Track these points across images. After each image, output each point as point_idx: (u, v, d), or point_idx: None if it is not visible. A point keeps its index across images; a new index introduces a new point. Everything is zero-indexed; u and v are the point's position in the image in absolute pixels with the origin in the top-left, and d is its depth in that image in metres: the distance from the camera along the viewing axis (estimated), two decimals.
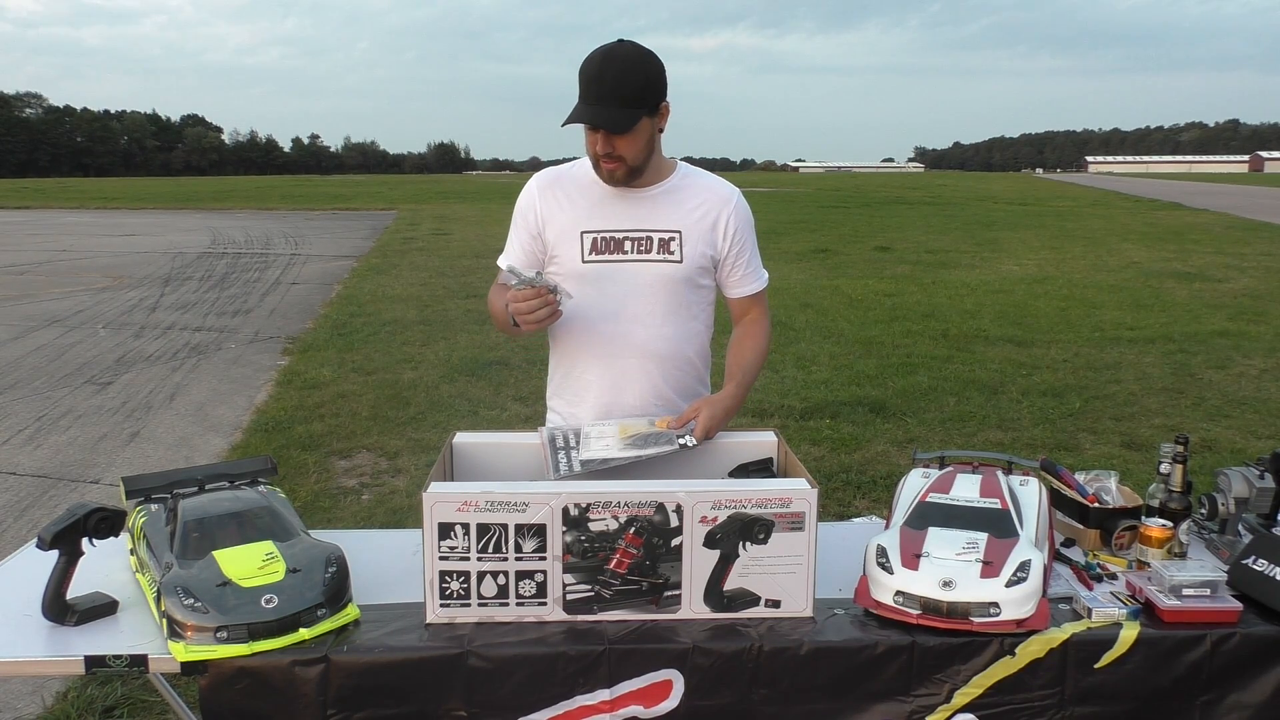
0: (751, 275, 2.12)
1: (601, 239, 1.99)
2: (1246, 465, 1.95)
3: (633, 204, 1.99)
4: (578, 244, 1.99)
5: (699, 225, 2.02)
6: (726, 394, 2.02)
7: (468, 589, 1.58)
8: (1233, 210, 26.89)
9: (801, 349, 7.65)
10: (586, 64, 1.84)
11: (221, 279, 12.79)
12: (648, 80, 1.86)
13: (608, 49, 1.85)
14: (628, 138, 1.87)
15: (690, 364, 2.11)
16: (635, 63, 1.85)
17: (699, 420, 1.91)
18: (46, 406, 6.15)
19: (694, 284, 2.04)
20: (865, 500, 4.34)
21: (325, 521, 4.04)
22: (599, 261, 1.99)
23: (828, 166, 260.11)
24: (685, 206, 2.01)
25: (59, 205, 34.28)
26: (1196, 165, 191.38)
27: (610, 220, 1.99)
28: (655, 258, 2.00)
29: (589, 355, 2.06)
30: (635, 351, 2.03)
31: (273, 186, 56.24)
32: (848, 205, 31.79)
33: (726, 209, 2.04)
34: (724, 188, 2.07)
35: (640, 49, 1.87)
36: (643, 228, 1.99)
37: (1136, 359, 7.29)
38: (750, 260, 2.11)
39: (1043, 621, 1.56)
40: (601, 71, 1.82)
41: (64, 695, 2.81)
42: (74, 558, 1.60)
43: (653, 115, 1.90)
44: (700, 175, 2.08)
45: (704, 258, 2.03)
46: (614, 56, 1.83)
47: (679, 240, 2.00)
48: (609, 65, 1.83)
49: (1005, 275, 12.45)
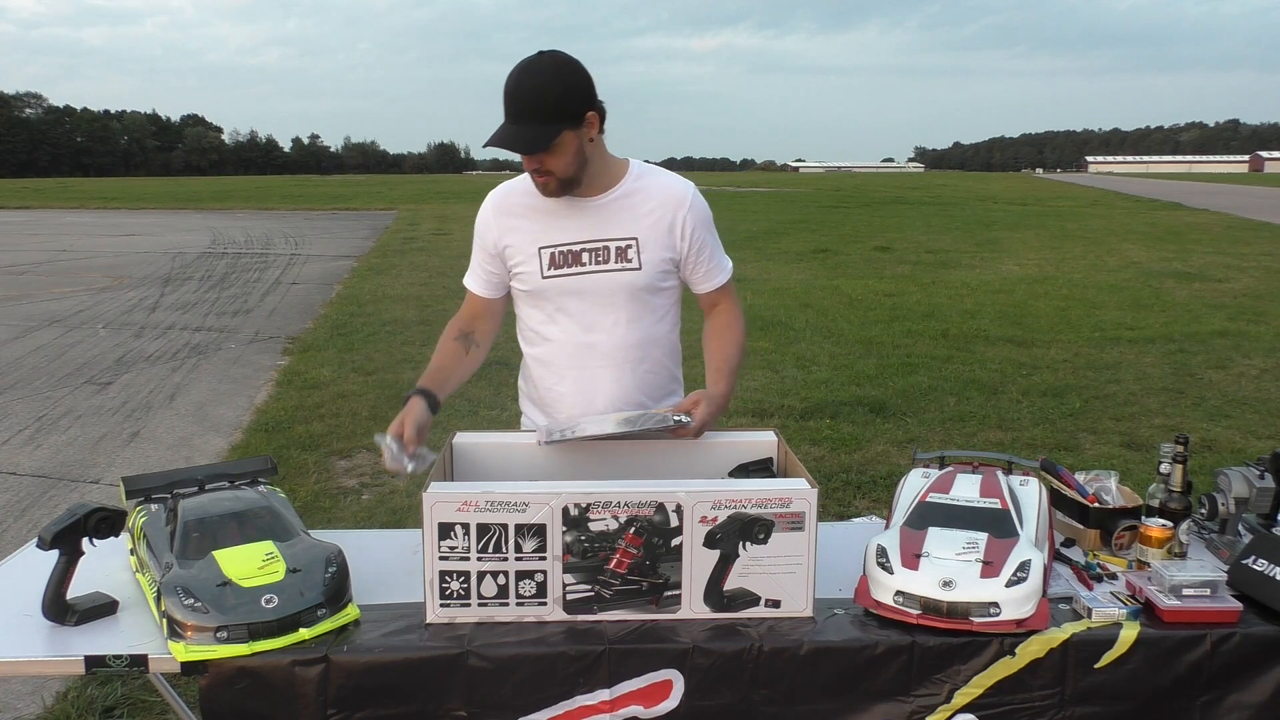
0: (716, 269, 2.10)
1: (559, 253, 1.98)
2: (1246, 465, 1.95)
3: (586, 214, 1.97)
4: (536, 260, 1.98)
5: (655, 229, 1.99)
6: (719, 390, 2.01)
7: (468, 589, 1.58)
8: (1233, 210, 26.89)
9: (801, 349, 7.65)
10: (506, 82, 1.80)
11: (221, 279, 12.79)
12: (565, 92, 1.80)
13: (525, 64, 1.80)
14: (552, 154, 1.83)
15: (660, 364, 2.10)
16: (551, 77, 1.79)
17: (698, 413, 1.90)
18: (46, 406, 6.15)
19: (655, 288, 2.02)
20: (865, 500, 4.34)
21: (325, 521, 4.03)
22: (559, 276, 1.98)
23: (828, 166, 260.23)
24: (639, 211, 1.99)
25: (59, 205, 34.28)
26: (1196, 165, 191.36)
27: (566, 233, 1.97)
28: (614, 267, 1.98)
29: (558, 368, 2.06)
30: (604, 361, 2.03)
31: (273, 186, 56.24)
32: (848, 205, 31.78)
33: (681, 210, 2.01)
34: (678, 186, 2.03)
35: (559, 59, 1.81)
36: (598, 238, 1.97)
37: (1136, 359, 7.29)
38: (712, 255, 2.09)
39: (1043, 621, 1.56)
40: (517, 89, 1.79)
41: (64, 695, 2.81)
42: (74, 558, 1.60)
43: (577, 127, 1.83)
44: (654, 175, 2.04)
45: (664, 261, 2.01)
46: (529, 72, 1.79)
47: (636, 247, 1.98)
48: (524, 81, 1.79)
49: (1005, 275, 12.45)
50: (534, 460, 1.92)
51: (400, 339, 8.09)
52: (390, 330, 8.52)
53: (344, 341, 8.05)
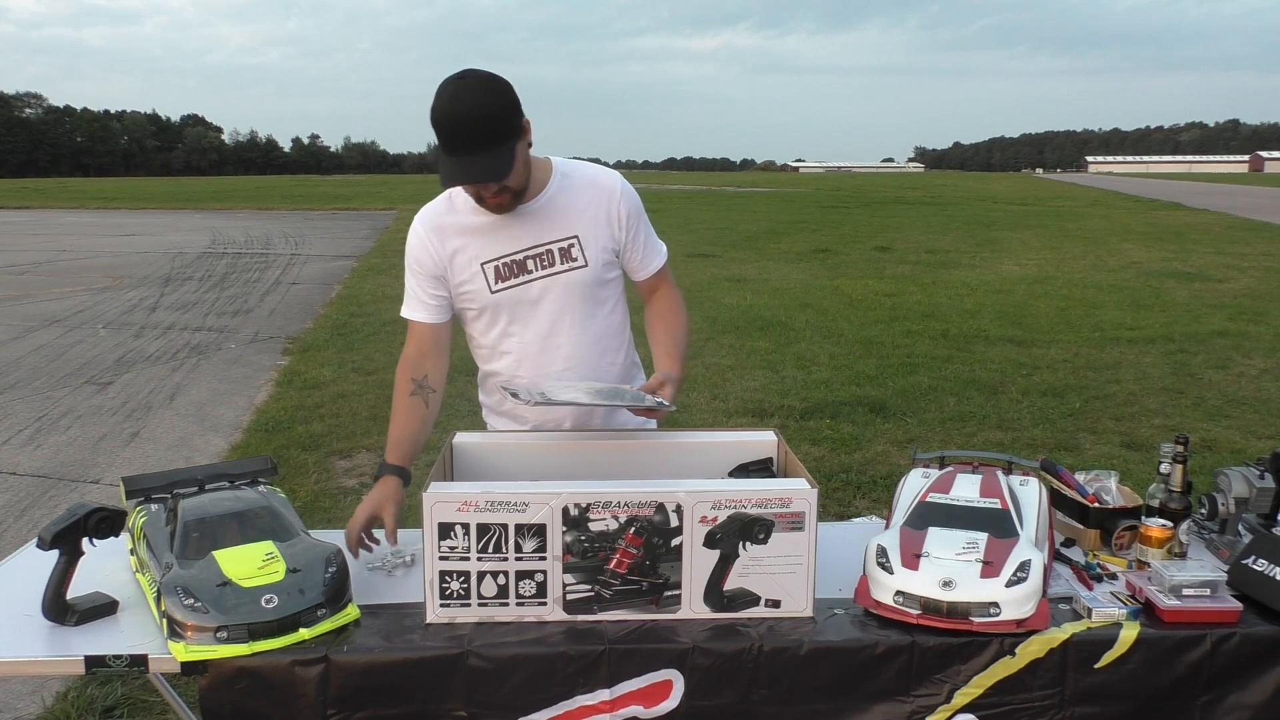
0: (652, 254, 2.11)
1: (503, 265, 1.97)
2: (1246, 465, 1.95)
3: (523, 221, 1.96)
4: (481, 276, 1.98)
5: (593, 224, 1.99)
6: (675, 372, 2.01)
7: (468, 589, 1.58)
8: (1233, 210, 26.89)
9: (801, 349, 7.65)
10: (440, 115, 1.74)
11: (221, 279, 12.79)
12: (504, 108, 1.77)
13: (453, 92, 1.74)
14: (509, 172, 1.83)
15: (620, 354, 2.12)
16: (489, 97, 1.76)
17: (665, 395, 1.91)
18: (46, 406, 6.15)
19: (602, 280, 2.03)
20: (865, 500, 4.34)
21: (325, 521, 4.03)
22: (508, 288, 1.98)
23: (828, 167, 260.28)
24: (575, 208, 1.99)
25: (59, 205, 34.28)
26: (1196, 165, 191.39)
27: (506, 244, 1.97)
28: (560, 268, 1.98)
29: (524, 376, 2.05)
30: (566, 362, 2.04)
31: (273, 186, 56.24)
32: (848, 205, 31.78)
33: (614, 200, 2.01)
34: (606, 177, 2.04)
35: (483, 77, 1.77)
36: (539, 242, 1.97)
37: (1136, 359, 7.29)
38: (647, 241, 2.09)
39: (1043, 621, 1.56)
40: (460, 120, 1.73)
41: (64, 695, 2.81)
42: (74, 558, 1.60)
43: (520, 139, 1.83)
44: (579, 171, 2.04)
45: (606, 253, 2.01)
46: (464, 99, 1.74)
47: (579, 244, 1.98)
48: (465, 110, 1.73)
49: (1005, 275, 12.45)
50: (534, 460, 1.92)
51: (400, 339, 8.03)
52: (390, 330, 8.52)
53: (344, 341, 8.05)
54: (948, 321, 8.92)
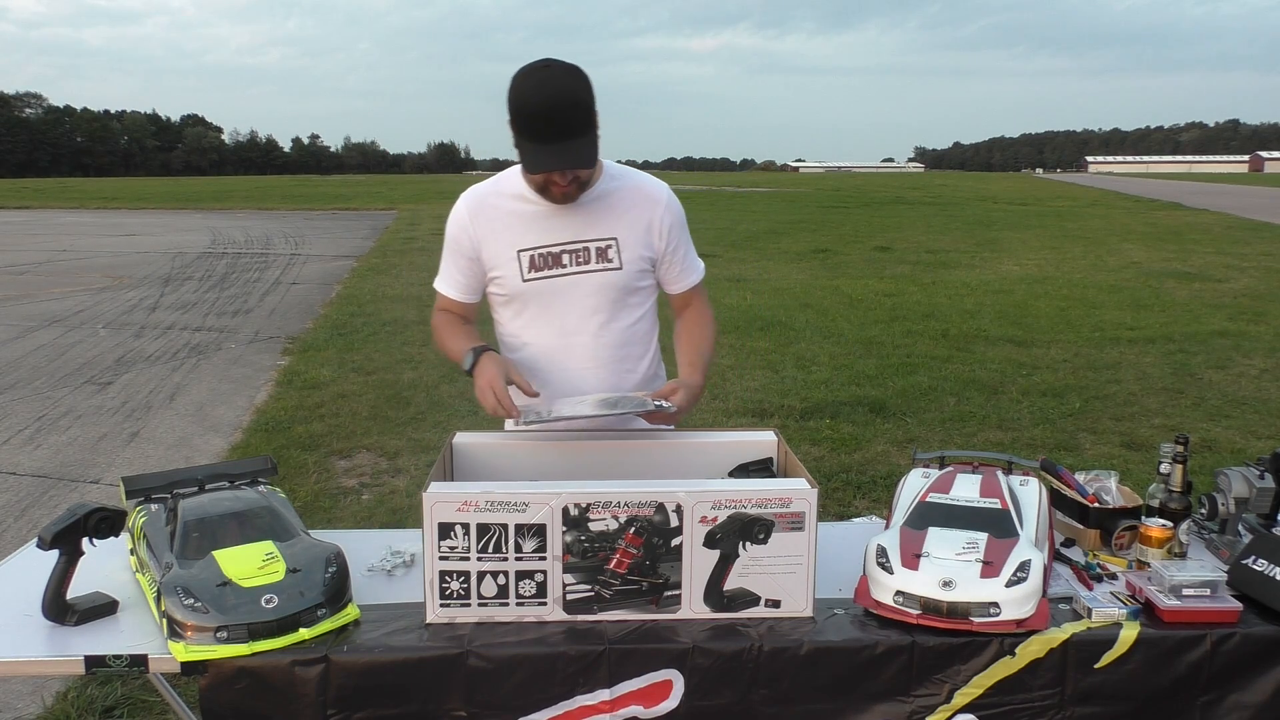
0: (689, 269, 2.13)
1: (539, 255, 1.98)
2: (1246, 465, 1.95)
3: (565, 215, 1.96)
4: (515, 264, 1.98)
5: (634, 229, 2.00)
6: (695, 380, 2.02)
7: (468, 589, 1.58)
8: (1233, 210, 26.88)
9: (801, 349, 7.65)
10: (531, 103, 1.75)
11: (221, 279, 12.79)
12: (590, 98, 1.79)
13: (541, 79, 1.75)
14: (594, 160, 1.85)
15: (642, 362, 2.12)
16: (578, 86, 1.77)
17: (676, 399, 1.91)
18: (46, 406, 6.15)
19: (634, 287, 2.04)
20: (865, 500, 4.34)
21: (325, 521, 4.03)
22: (539, 278, 1.99)
23: (828, 166, 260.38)
24: (617, 211, 1.99)
25: (59, 205, 34.27)
26: (1196, 165, 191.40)
27: (545, 235, 1.97)
28: (595, 267, 1.99)
29: (540, 371, 2.06)
30: (586, 362, 2.04)
31: (273, 186, 56.24)
32: (848, 205, 31.78)
33: (659, 209, 2.03)
34: (654, 187, 2.05)
35: (569, 68, 1.78)
36: (578, 238, 1.98)
37: (1136, 359, 7.29)
38: (686, 255, 2.11)
39: (1043, 621, 1.56)
40: (553, 107, 1.75)
41: (64, 695, 2.81)
42: (74, 558, 1.60)
43: (598, 129, 1.84)
44: (629, 176, 2.05)
45: (642, 260, 2.02)
46: (554, 87, 1.75)
47: (616, 246, 1.99)
48: (557, 98, 1.75)
49: (1005, 275, 12.45)
50: (534, 460, 1.92)
51: (400, 339, 8.08)
52: (390, 330, 8.52)
53: (344, 341, 8.05)
54: (948, 321, 8.92)
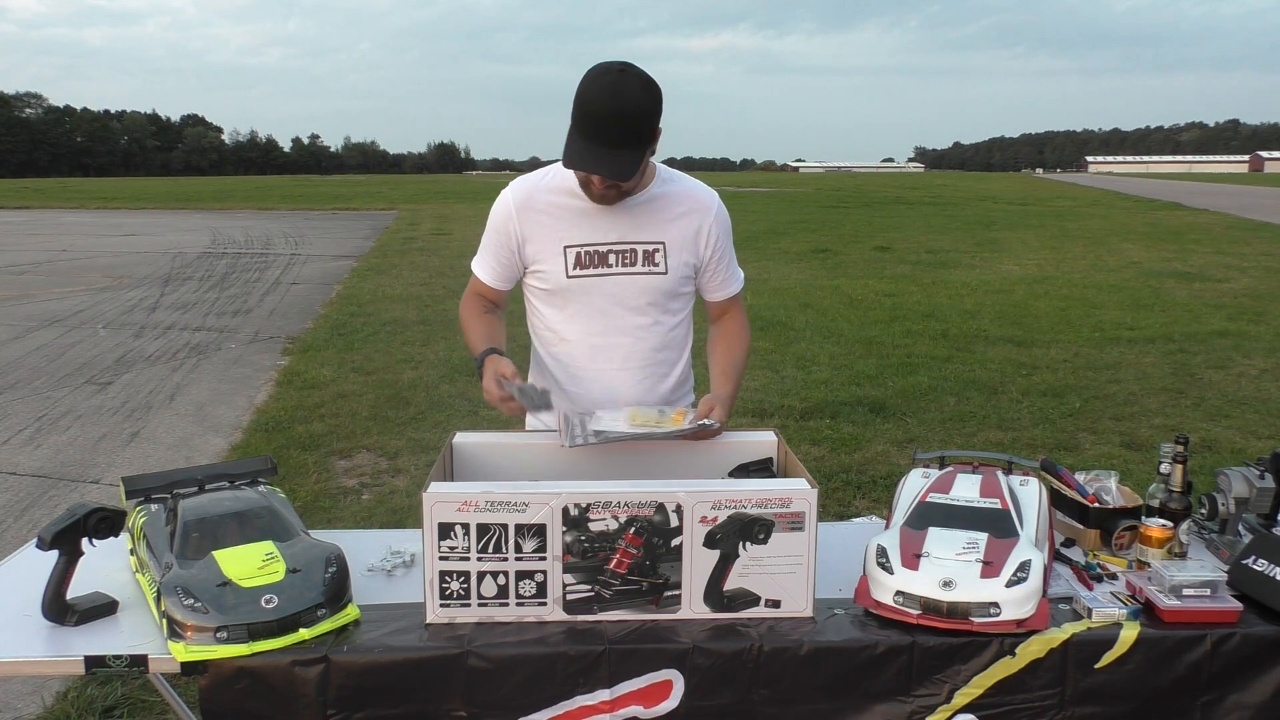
0: (731, 279, 2.14)
1: (585, 253, 1.98)
2: (1246, 465, 1.95)
3: (615, 215, 1.96)
4: (561, 259, 1.98)
5: (681, 235, 2.01)
6: (727, 391, 2.03)
7: (468, 589, 1.58)
8: (1233, 210, 26.88)
9: (801, 349, 7.65)
10: (595, 104, 1.74)
11: (221, 279, 12.79)
12: (654, 114, 1.78)
13: (612, 83, 1.74)
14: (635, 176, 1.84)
15: (674, 366, 2.13)
16: (647, 100, 1.76)
17: (716, 416, 1.92)
18: (46, 406, 6.15)
19: (676, 293, 2.05)
20: (865, 500, 4.34)
21: (325, 521, 4.03)
22: (583, 276, 1.99)
23: (828, 166, 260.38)
24: (667, 216, 1.99)
25: (59, 205, 34.27)
26: (1196, 165, 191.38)
27: (593, 233, 1.97)
28: (640, 270, 1.99)
29: (576, 369, 2.07)
30: (623, 363, 2.05)
31: (273, 186, 56.24)
32: (848, 205, 31.78)
33: (708, 218, 2.03)
34: (704, 194, 2.05)
35: (644, 79, 1.76)
36: (626, 240, 1.98)
37: (1136, 359, 7.29)
38: (730, 264, 2.12)
39: (1043, 621, 1.56)
40: (615, 114, 1.73)
41: (64, 695, 2.81)
42: (74, 558, 1.59)
43: (652, 145, 1.83)
44: (680, 181, 2.05)
45: (687, 266, 2.03)
46: (624, 95, 1.73)
47: (663, 251, 1.99)
48: (622, 107, 1.73)
49: (1005, 275, 12.45)
50: (534, 460, 1.92)
51: (400, 339, 8.08)
52: (390, 330, 8.52)
53: (344, 341, 8.05)
54: (948, 321, 8.92)
